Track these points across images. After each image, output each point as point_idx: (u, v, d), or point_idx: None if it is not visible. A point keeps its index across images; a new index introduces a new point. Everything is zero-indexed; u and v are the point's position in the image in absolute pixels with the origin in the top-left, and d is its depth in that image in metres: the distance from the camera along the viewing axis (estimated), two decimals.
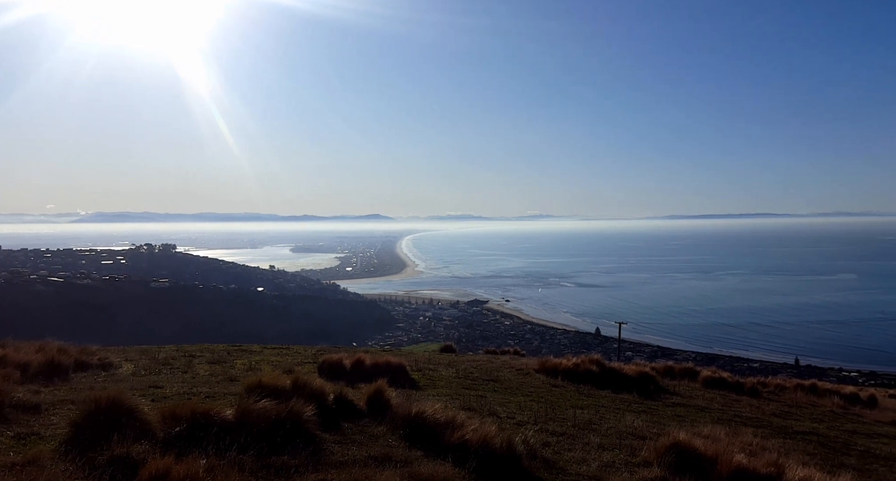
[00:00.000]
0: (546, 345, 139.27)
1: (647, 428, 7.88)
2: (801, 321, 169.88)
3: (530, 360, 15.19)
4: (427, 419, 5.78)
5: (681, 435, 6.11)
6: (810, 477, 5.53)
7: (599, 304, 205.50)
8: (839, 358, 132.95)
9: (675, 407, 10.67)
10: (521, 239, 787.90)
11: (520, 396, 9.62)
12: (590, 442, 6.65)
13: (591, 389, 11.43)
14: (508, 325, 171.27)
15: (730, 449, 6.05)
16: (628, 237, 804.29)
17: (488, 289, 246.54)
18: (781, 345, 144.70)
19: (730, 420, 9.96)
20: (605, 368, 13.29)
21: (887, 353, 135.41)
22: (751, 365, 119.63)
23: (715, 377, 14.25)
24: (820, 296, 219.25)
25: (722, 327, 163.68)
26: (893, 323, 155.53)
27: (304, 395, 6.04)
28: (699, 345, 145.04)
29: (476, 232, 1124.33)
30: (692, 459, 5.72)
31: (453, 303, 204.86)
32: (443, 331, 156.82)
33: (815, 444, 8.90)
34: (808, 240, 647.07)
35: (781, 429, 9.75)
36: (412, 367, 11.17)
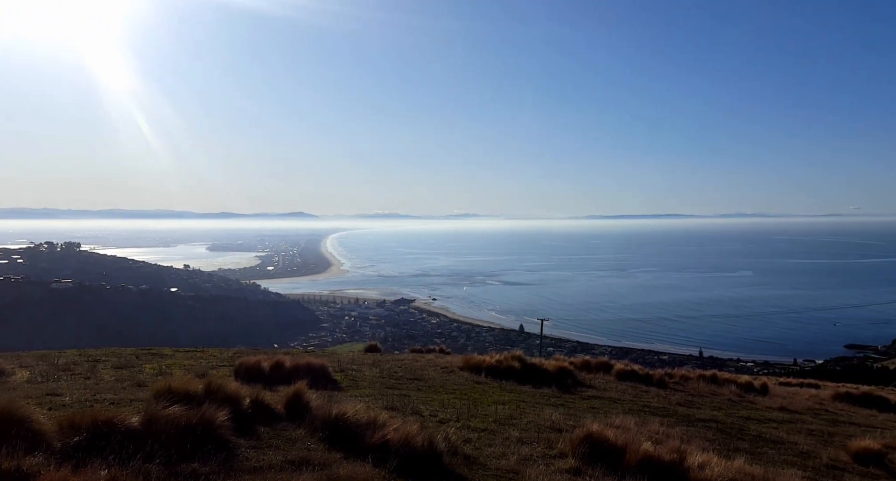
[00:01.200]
0: (472, 342, 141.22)
1: (564, 421, 8.16)
2: (704, 315, 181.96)
3: (455, 358, 15.34)
4: (348, 420, 5.71)
5: (594, 427, 6.38)
6: (708, 461, 5.94)
7: (523, 302, 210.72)
8: (737, 349, 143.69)
9: (590, 400, 11.12)
10: (448, 237, 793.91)
11: (443, 394, 9.70)
12: (510, 436, 6.81)
13: (513, 385, 11.70)
14: (435, 324, 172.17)
15: (638, 438, 6.38)
16: (551, 236, 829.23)
17: (415, 288, 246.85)
18: (687, 338, 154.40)
19: (639, 410, 10.50)
20: (527, 364, 13.63)
21: (778, 344, 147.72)
22: (660, 358, 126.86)
23: (627, 370, 14.96)
24: (721, 291, 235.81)
25: (635, 322, 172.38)
26: (784, 316, 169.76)
27: (217, 400, 5.80)
28: (615, 340, 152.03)
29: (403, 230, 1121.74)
30: (604, 449, 5.99)
31: (380, 303, 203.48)
32: (369, 331, 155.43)
33: (714, 430, 9.55)
34: (711, 239, 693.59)
35: (685, 418, 10.40)
36: (335, 368, 10.99)
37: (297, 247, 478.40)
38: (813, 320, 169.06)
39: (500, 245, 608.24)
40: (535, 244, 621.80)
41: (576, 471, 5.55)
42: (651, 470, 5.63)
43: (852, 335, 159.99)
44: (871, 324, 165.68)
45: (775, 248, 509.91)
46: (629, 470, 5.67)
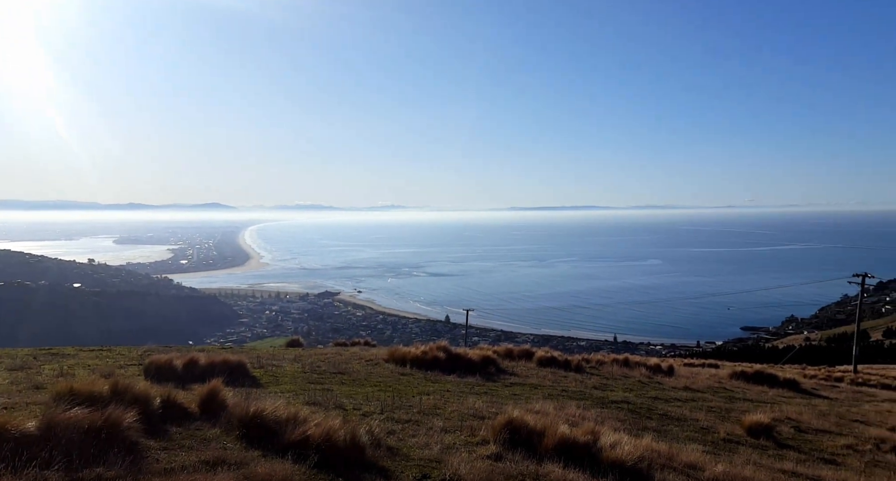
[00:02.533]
0: (398, 334, 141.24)
1: (487, 409, 8.34)
2: (617, 302, 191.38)
3: (380, 351, 15.28)
4: (267, 417, 5.55)
5: (515, 413, 6.56)
6: (619, 440, 6.28)
7: (449, 293, 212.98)
8: (647, 333, 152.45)
9: (512, 387, 11.43)
10: (373, 229, 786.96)
11: (368, 387, 9.65)
12: (434, 426, 6.88)
13: (439, 375, 11.81)
14: (360, 316, 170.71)
15: (556, 421, 6.63)
16: (475, 227, 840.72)
17: (340, 281, 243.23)
18: (603, 324, 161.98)
19: (558, 395, 10.92)
20: (452, 354, 13.80)
21: (683, 328, 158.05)
22: (579, 344, 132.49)
23: (547, 357, 15.48)
24: (632, 279, 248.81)
25: (555, 310, 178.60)
26: (689, 301, 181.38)
27: (125, 401, 5.47)
28: (537, 328, 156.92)
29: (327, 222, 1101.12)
30: (524, 434, 6.17)
31: (302, 296, 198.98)
32: (291, 325, 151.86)
33: (626, 411, 10.10)
34: (625, 229, 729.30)
35: (600, 400, 10.92)
36: (254, 364, 10.66)
37: (212, 239, 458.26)
38: (712, 305, 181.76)
39: (426, 236, 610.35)
40: (460, 235, 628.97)
41: (497, 457, 5.69)
42: (567, 452, 5.88)
43: (747, 318, 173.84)
44: (763, 308, 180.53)
45: (681, 238, 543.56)
46: (547, 452, 5.89)
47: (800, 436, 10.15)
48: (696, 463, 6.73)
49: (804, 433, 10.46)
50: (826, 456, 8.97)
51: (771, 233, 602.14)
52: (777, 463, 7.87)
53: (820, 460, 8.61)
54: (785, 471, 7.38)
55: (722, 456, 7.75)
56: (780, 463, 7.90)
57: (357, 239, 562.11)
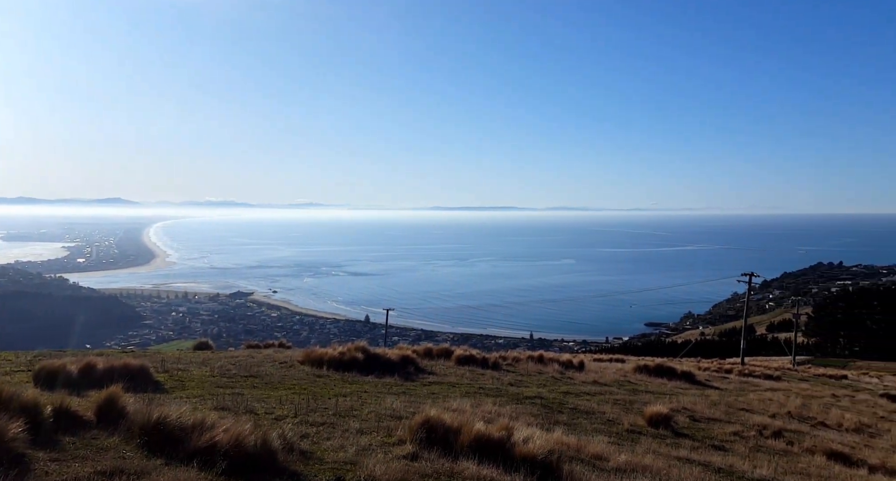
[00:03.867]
0: (315, 335, 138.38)
1: (405, 408, 8.36)
2: (534, 300, 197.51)
3: (295, 352, 14.89)
4: (170, 424, 5.27)
5: (432, 412, 6.62)
6: (532, 435, 6.50)
7: (369, 292, 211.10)
8: (561, 330, 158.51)
9: (431, 386, 11.51)
10: (290, 227, 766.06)
11: (281, 390, 9.39)
12: (349, 428, 6.81)
13: (356, 376, 11.68)
14: (275, 317, 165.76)
15: (472, 419, 6.76)
16: (397, 227, 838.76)
17: (254, 280, 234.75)
18: (520, 322, 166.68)
19: (475, 392, 11.13)
20: (370, 354, 13.69)
21: (593, 325, 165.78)
22: (497, 342, 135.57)
23: (466, 355, 15.72)
24: (548, 278, 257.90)
25: (474, 309, 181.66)
26: (600, 299, 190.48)
27: (10, 410, 5.02)
28: (457, 326, 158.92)
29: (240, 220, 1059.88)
30: (441, 432, 6.24)
31: (213, 296, 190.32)
32: (200, 327, 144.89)
33: (539, 406, 10.46)
34: (542, 230, 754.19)
35: (515, 396, 11.24)
36: (157, 369, 10.08)
37: (113, 236, 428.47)
38: (619, 303, 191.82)
39: (346, 235, 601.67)
40: (381, 234, 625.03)
41: (413, 457, 5.72)
42: (482, 448, 6.01)
43: (650, 314, 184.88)
44: (664, 305, 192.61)
45: (593, 239, 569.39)
46: (463, 450, 5.99)
47: (694, 425, 10.94)
48: (601, 453, 7.10)
49: (698, 422, 11.29)
50: (716, 442, 9.72)
51: (671, 234, 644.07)
52: (673, 450, 8.44)
53: (711, 447, 9.32)
54: (680, 458, 7.93)
55: (625, 446, 8.21)
56: (676, 450, 8.48)
57: (273, 237, 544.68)
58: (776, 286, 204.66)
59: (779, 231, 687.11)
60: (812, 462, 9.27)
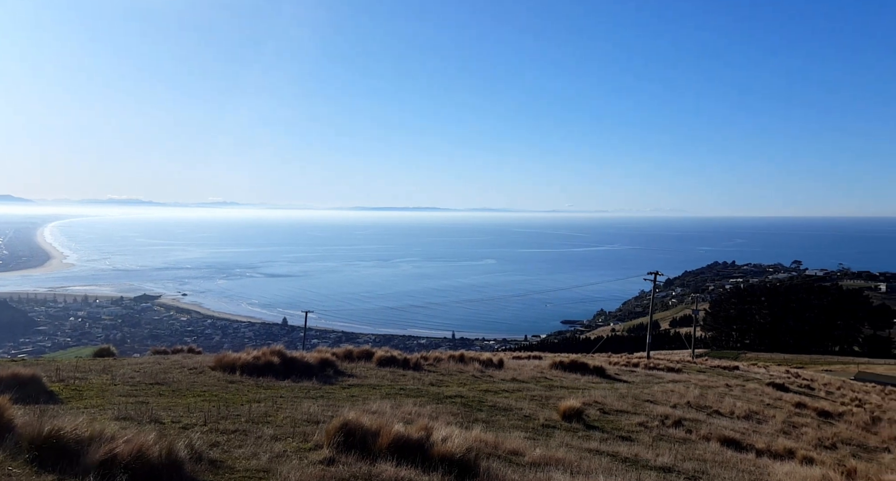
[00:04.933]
0: (228, 339, 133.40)
1: (323, 413, 8.20)
2: (456, 300, 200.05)
3: (206, 357, 14.21)
4: (65, 436, 4.88)
5: (350, 415, 6.54)
6: (451, 434, 6.57)
7: (288, 294, 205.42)
8: (482, 329, 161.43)
9: (350, 389, 11.36)
10: (202, 227, 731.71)
11: (190, 397, 8.94)
12: (263, 435, 6.59)
13: (272, 381, 11.32)
14: (185, 321, 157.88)
15: (391, 420, 6.74)
16: (316, 227, 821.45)
17: (161, 283, 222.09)
18: (442, 322, 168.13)
19: (396, 394, 11.10)
20: (287, 358, 13.31)
21: (513, 324, 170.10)
22: (419, 342, 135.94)
23: (387, 356, 15.62)
24: (470, 278, 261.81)
25: (396, 310, 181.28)
26: (519, 299, 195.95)
27: None
28: (378, 328, 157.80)
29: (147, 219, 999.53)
30: (359, 435, 6.17)
31: (116, 300, 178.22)
32: (101, 333, 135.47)
33: (459, 405, 10.60)
34: (464, 231, 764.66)
35: (435, 396, 11.31)
36: (52, 378, 9.31)
37: (2, 236, 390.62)
38: (538, 302, 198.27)
39: (262, 235, 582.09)
40: (300, 234, 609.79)
41: (329, 461, 5.62)
42: (401, 450, 6.00)
43: (565, 312, 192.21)
44: (579, 303, 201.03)
45: (514, 240, 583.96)
46: (382, 452, 5.96)
47: (604, 417, 11.48)
48: (518, 449, 7.30)
49: (608, 414, 11.86)
50: (624, 433, 10.26)
51: (586, 235, 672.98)
52: (585, 443, 8.83)
53: (619, 437, 9.82)
54: (591, 450, 8.31)
55: (540, 440, 8.49)
56: (588, 442, 8.87)
57: (182, 237, 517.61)
58: (678, 284, 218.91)
59: (680, 232, 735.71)
60: (708, 448, 10.00)
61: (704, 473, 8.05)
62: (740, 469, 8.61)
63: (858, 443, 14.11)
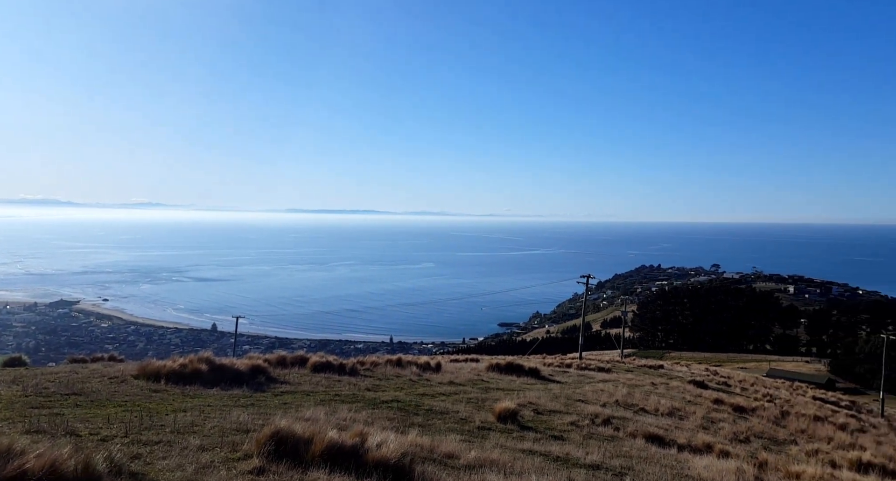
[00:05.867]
0: (154, 346, 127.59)
1: (253, 421, 7.98)
2: (394, 304, 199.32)
3: (129, 366, 13.51)
4: None
5: (282, 423, 6.39)
6: (386, 439, 6.55)
7: (217, 299, 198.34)
8: (421, 333, 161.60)
9: (283, 396, 11.10)
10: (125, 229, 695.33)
11: (110, 408, 8.48)
12: (189, 445, 6.34)
13: (199, 389, 10.90)
14: (106, 328, 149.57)
15: (325, 427, 6.65)
16: (248, 229, 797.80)
17: (80, 288, 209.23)
18: (380, 326, 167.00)
19: (331, 400, 10.94)
20: (216, 365, 12.87)
21: (451, 327, 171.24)
22: (356, 347, 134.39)
23: (322, 361, 15.36)
24: (408, 282, 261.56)
25: (333, 314, 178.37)
26: (457, 302, 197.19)
27: None
28: (314, 333, 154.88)
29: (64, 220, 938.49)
30: (291, 444, 6.05)
31: (29, 306, 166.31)
32: (13, 341, 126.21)
33: (395, 410, 10.57)
34: (402, 234, 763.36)
35: (371, 401, 11.24)
36: None
37: None
38: (476, 305, 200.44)
39: (191, 238, 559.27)
40: (231, 237, 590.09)
41: (259, 471, 5.48)
42: (335, 457, 5.93)
43: (502, 315, 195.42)
44: (516, 305, 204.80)
45: (452, 243, 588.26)
46: (314, 460, 5.86)
47: (538, 418, 11.76)
48: (453, 452, 7.36)
49: (541, 414, 12.16)
50: (556, 433, 10.55)
51: (522, 239, 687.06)
52: (519, 443, 9.02)
53: (551, 437, 10.09)
54: (524, 450, 8.50)
55: (476, 442, 8.60)
56: (521, 443, 9.06)
57: (103, 239, 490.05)
58: (609, 286, 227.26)
59: (611, 237, 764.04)
60: (634, 445, 10.43)
61: (630, 469, 8.39)
62: (663, 464, 9.04)
63: (769, 436, 15.11)
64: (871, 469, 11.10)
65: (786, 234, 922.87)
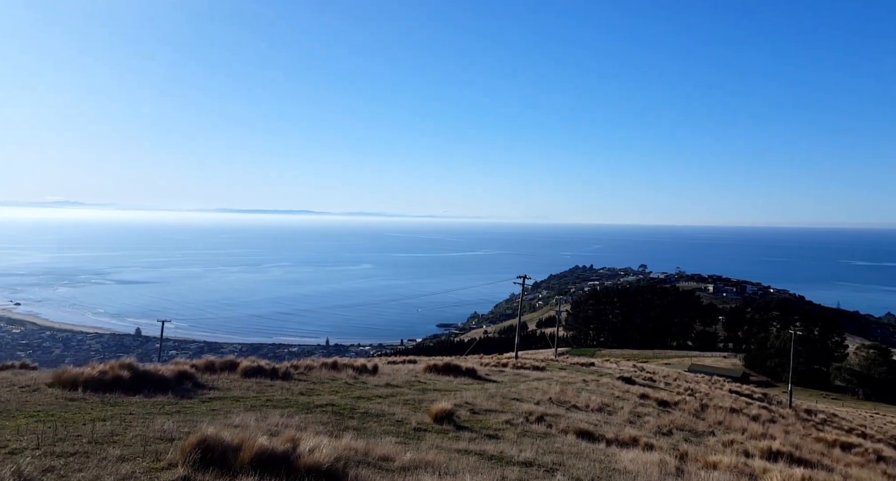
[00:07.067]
0: (71, 353, 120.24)
1: (179, 429, 7.67)
2: (331, 306, 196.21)
3: (43, 373, 12.65)
4: None
5: (210, 430, 6.19)
6: (319, 444, 6.46)
7: (142, 302, 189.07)
8: (358, 335, 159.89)
9: (211, 402, 10.72)
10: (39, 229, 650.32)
11: (21, 419, 7.92)
12: (108, 456, 6.02)
13: (121, 397, 10.36)
14: (18, 334, 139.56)
15: (255, 433, 6.48)
16: (177, 230, 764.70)
17: None
18: (316, 329, 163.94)
19: (262, 405, 10.65)
20: (139, 372, 12.27)
21: (389, 328, 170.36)
22: (290, 350, 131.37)
23: (253, 366, 14.92)
24: (345, 283, 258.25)
25: (266, 317, 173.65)
26: (395, 303, 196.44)
27: None
28: (246, 336, 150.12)
29: None
30: (219, 451, 5.86)
31: None
32: None
33: (330, 414, 10.42)
34: (339, 235, 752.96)
35: (305, 406, 11.02)
36: None
37: None
38: (412, 306, 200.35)
39: (113, 238, 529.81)
40: (157, 238, 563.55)
41: (184, 480, 5.29)
42: (265, 463, 5.79)
43: (441, 316, 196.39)
44: (454, 306, 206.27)
45: (390, 244, 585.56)
46: (244, 467, 5.71)
47: (474, 418, 11.91)
48: (388, 454, 7.35)
49: (477, 414, 12.31)
50: (491, 432, 10.71)
51: (460, 240, 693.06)
52: (454, 443, 9.10)
53: (486, 436, 10.24)
54: (459, 450, 8.58)
55: (411, 444, 8.61)
56: (457, 443, 9.15)
57: (15, 240, 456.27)
58: (544, 287, 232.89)
59: (547, 238, 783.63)
60: (565, 441, 10.75)
61: (561, 464, 8.64)
62: (592, 458, 9.36)
63: (690, 429, 15.95)
64: (779, 457, 11.93)
65: (706, 236, 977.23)
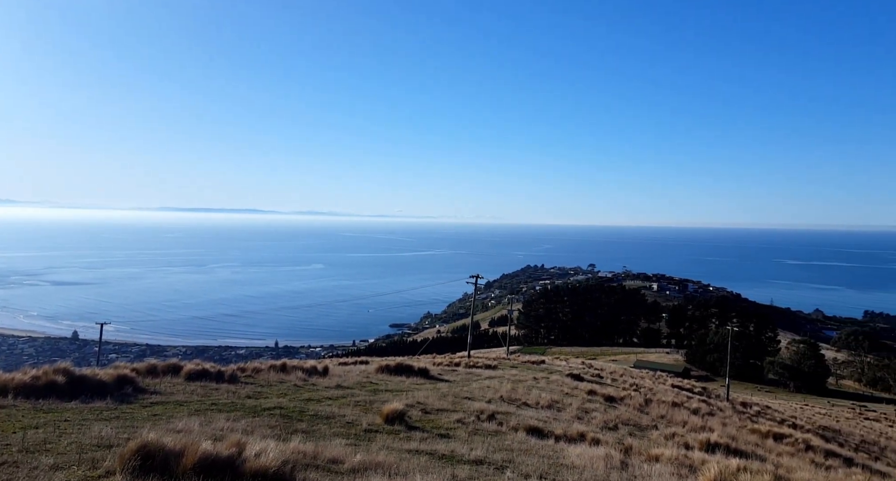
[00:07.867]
0: (2, 358, 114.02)
1: (118, 435, 7.37)
2: (280, 307, 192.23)
3: None
4: None
5: (150, 436, 5.97)
6: (266, 448, 6.32)
7: (79, 304, 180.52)
8: (308, 336, 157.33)
9: (152, 407, 10.34)
10: None
11: None
12: (40, 465, 5.73)
13: (55, 403, 9.85)
14: None
15: (199, 439, 6.29)
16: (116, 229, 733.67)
17: None
18: (264, 330, 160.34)
19: (206, 409, 10.34)
20: (75, 377, 11.72)
21: (341, 330, 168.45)
22: (237, 353, 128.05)
23: (198, 369, 14.48)
24: (294, 284, 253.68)
25: (213, 318, 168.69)
26: (347, 303, 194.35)
27: None
28: (191, 339, 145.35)
29: None
30: (160, 458, 5.66)
31: None
32: None
33: (278, 417, 10.22)
34: (290, 234, 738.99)
35: (252, 409, 10.77)
36: None
37: None
38: (364, 306, 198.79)
39: (47, 237, 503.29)
40: (95, 237, 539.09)
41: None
42: (209, 469, 5.63)
43: (394, 316, 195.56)
44: (407, 306, 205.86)
45: (342, 243, 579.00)
46: (186, 473, 5.53)
47: (425, 417, 11.91)
48: (338, 457, 7.26)
49: (429, 414, 12.33)
50: (442, 431, 10.74)
51: (413, 240, 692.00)
52: (406, 444, 9.08)
53: (438, 436, 10.27)
54: (410, 451, 8.57)
55: (362, 446, 8.54)
56: (408, 443, 9.13)
57: None
58: (497, 286, 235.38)
59: (499, 238, 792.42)
60: (515, 438, 10.90)
61: (511, 462, 8.76)
62: (541, 455, 9.53)
63: (635, 423, 16.45)
64: (717, 448, 12.46)
65: (651, 236, 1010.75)
